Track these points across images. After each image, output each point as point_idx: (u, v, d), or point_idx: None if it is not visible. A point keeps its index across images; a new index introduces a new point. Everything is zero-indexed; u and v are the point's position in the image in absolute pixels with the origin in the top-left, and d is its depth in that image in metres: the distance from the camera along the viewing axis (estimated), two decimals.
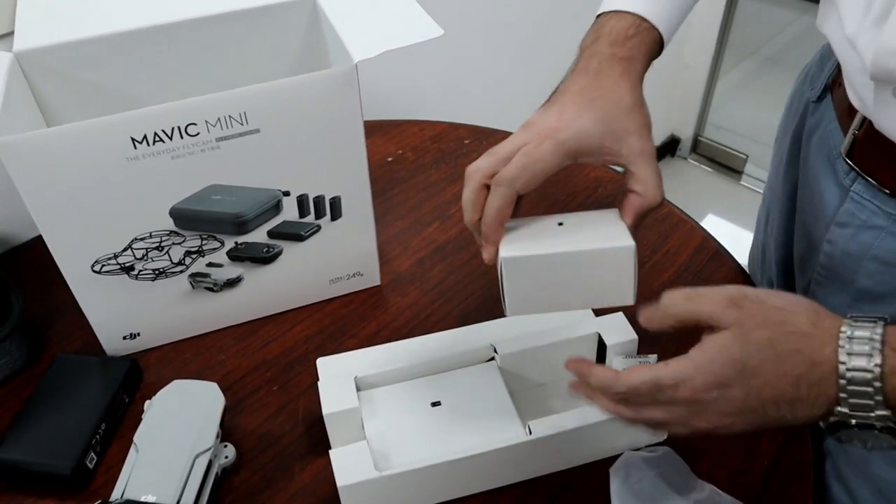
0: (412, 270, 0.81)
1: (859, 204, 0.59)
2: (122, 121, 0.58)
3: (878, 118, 0.53)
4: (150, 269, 0.68)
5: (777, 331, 0.44)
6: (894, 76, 0.49)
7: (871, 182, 0.57)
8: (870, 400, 0.42)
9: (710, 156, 2.32)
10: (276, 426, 0.67)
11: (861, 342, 0.42)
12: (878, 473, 0.61)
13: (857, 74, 0.54)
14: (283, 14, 0.73)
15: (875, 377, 0.41)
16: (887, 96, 0.51)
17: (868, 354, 0.41)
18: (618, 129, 0.53)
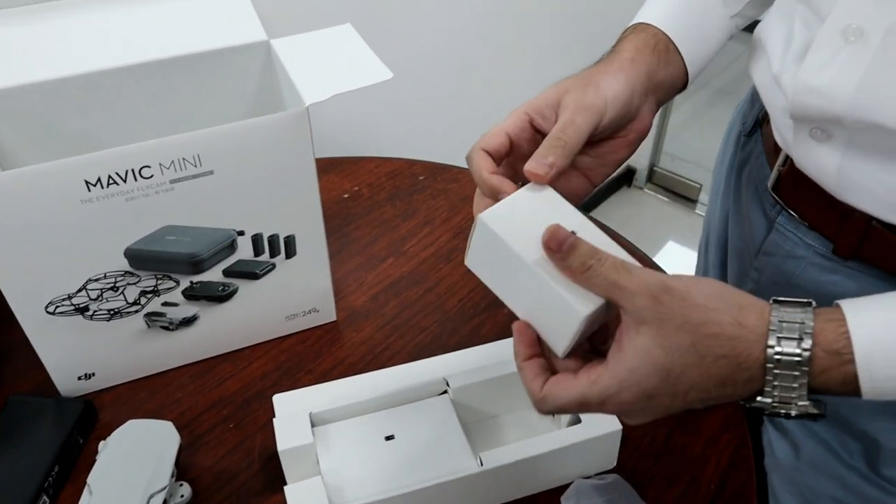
0: (367, 306, 0.83)
1: (783, 235, 0.62)
2: (76, 164, 0.59)
3: (798, 156, 0.57)
4: (105, 310, 0.68)
5: (699, 334, 0.42)
6: (811, 113, 0.52)
7: (793, 215, 0.61)
8: (793, 393, 0.42)
9: (665, 185, 2.38)
10: (232, 463, 0.68)
11: (790, 341, 0.42)
12: (806, 482, 0.64)
13: (780, 115, 0.57)
14: (238, 58, 0.75)
15: (802, 374, 0.42)
16: (805, 136, 0.54)
17: (797, 356, 0.41)
18: (562, 89, 0.53)
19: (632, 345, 0.43)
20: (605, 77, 0.54)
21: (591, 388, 0.44)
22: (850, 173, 0.52)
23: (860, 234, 0.54)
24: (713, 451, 0.68)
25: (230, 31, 0.74)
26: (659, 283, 0.43)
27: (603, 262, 0.44)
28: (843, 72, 0.48)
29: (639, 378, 0.43)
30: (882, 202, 0.51)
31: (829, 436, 0.62)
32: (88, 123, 0.72)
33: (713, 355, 0.43)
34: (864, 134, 0.50)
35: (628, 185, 2.41)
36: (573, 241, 0.45)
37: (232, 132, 0.63)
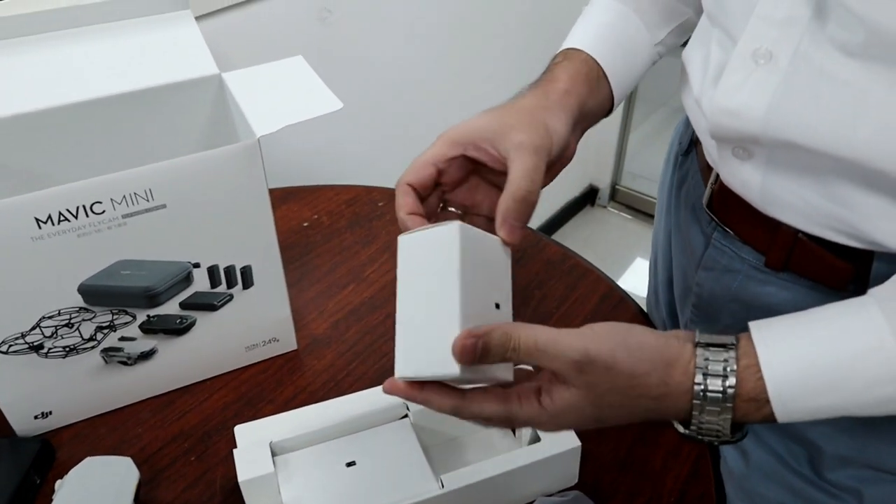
0: (328, 333, 0.83)
1: (720, 250, 0.64)
2: (25, 202, 0.59)
3: (724, 175, 0.59)
4: (61, 347, 0.68)
5: (628, 395, 0.45)
6: (729, 133, 0.54)
7: (727, 231, 0.62)
8: (717, 436, 0.46)
9: (628, 203, 2.41)
10: (193, 497, 0.67)
11: (715, 374, 0.45)
12: (756, 488, 0.65)
13: (705, 135, 0.59)
14: (189, 92, 0.75)
15: (728, 409, 0.45)
16: (728, 155, 0.56)
17: (719, 412, 0.45)
18: (505, 124, 0.52)
19: (563, 398, 0.46)
20: (549, 115, 0.54)
21: (522, 412, 0.47)
22: (772, 189, 0.54)
23: (788, 247, 0.56)
24: (674, 464, 0.69)
25: (181, 66, 0.75)
26: (581, 354, 0.45)
27: (518, 351, 0.45)
28: (755, 93, 0.50)
29: (568, 420, 0.47)
30: (803, 216, 0.53)
31: (776, 443, 0.64)
32: (39, 161, 0.72)
33: (642, 408, 0.47)
34: (781, 151, 0.52)
35: (591, 205, 2.44)
36: (483, 343, 0.45)
37: (183, 165, 0.63)
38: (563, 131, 0.54)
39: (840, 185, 0.49)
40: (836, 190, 0.50)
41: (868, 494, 0.59)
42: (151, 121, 0.75)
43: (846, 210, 0.50)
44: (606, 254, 2.26)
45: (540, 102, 0.56)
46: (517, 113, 0.54)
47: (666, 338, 0.47)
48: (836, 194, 0.50)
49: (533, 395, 0.47)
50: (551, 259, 0.93)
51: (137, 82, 0.73)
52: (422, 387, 0.48)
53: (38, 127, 0.71)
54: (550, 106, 0.55)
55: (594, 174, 2.39)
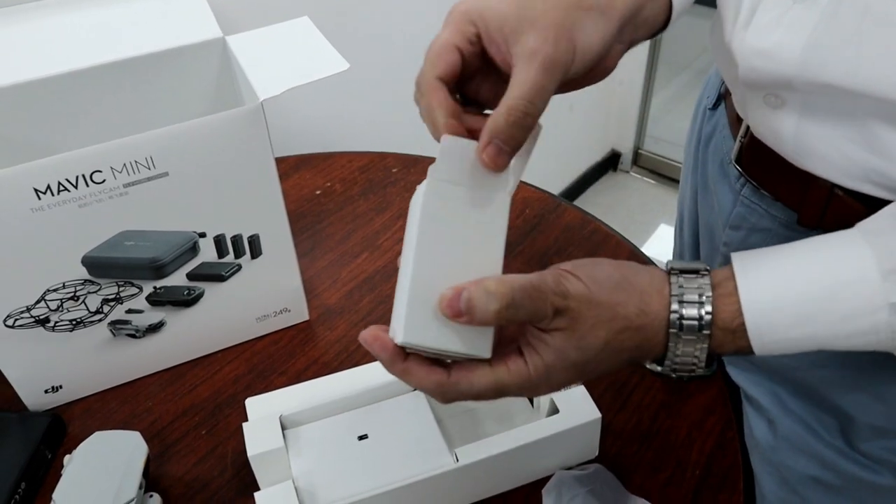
0: (341, 303, 0.81)
1: (749, 207, 0.61)
2: (22, 172, 0.57)
3: (755, 125, 0.55)
4: (67, 320, 0.67)
5: (611, 329, 0.44)
6: (761, 77, 0.50)
7: (757, 187, 0.59)
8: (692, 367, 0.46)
9: (651, 168, 2.36)
10: (204, 471, 0.66)
11: (691, 302, 0.44)
12: (784, 461, 0.62)
13: (735, 84, 0.56)
14: (193, 56, 0.73)
15: (704, 337, 0.44)
16: (759, 103, 0.53)
17: (695, 340, 0.44)
18: (524, 18, 0.42)
19: (549, 347, 0.44)
20: (582, 21, 0.43)
21: (510, 377, 0.44)
22: (806, 139, 0.51)
23: (822, 203, 0.53)
24: (699, 435, 0.67)
25: (184, 30, 0.73)
26: (559, 295, 0.43)
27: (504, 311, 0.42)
28: (791, 32, 0.46)
29: (557, 373, 0.45)
30: (839, 168, 0.50)
31: (804, 413, 0.61)
32: (40, 131, 0.70)
33: (626, 348, 0.45)
34: (817, 97, 0.48)
35: (614, 170, 2.40)
36: (467, 297, 0.42)
37: (184, 132, 0.61)
38: (595, 43, 0.44)
39: (880, 131, 0.46)
40: (876, 138, 0.46)
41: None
42: (154, 87, 0.73)
43: (885, 160, 0.47)
44: (629, 220, 2.22)
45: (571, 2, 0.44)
46: (544, 5, 0.43)
47: (630, 266, 0.46)
48: (876, 143, 0.47)
49: (519, 357, 0.45)
50: (571, 224, 0.90)
51: (139, 48, 0.71)
52: (406, 355, 0.45)
53: (38, 96, 0.69)
54: (591, 5, 0.44)
55: (616, 139, 2.34)
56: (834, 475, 0.60)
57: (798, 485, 0.62)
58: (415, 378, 0.45)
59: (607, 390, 0.70)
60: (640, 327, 0.44)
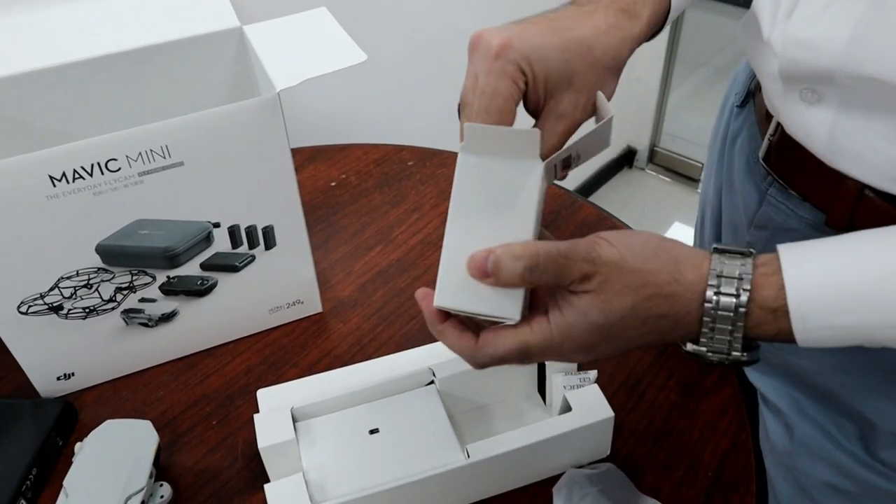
0: (354, 296, 0.81)
1: (775, 207, 0.60)
2: (38, 159, 0.57)
3: (788, 122, 0.54)
4: (80, 308, 0.67)
5: (639, 296, 0.43)
6: (802, 69, 0.49)
7: (784, 186, 0.58)
8: (727, 343, 0.44)
9: (666, 165, 2.35)
10: (214, 462, 0.66)
11: (729, 281, 0.43)
12: (801, 466, 0.62)
13: (770, 81, 0.55)
14: (210, 46, 0.72)
15: (739, 316, 0.43)
16: (795, 99, 0.52)
17: (735, 295, 0.43)
18: (567, 73, 0.47)
19: (572, 306, 0.44)
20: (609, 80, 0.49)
21: (533, 337, 0.44)
22: (841, 137, 0.50)
23: (852, 204, 0.52)
24: (712, 436, 0.66)
25: (202, 19, 0.72)
26: (586, 258, 0.43)
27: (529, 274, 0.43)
28: (835, 23, 0.46)
29: (580, 334, 0.44)
30: (873, 167, 0.49)
31: (823, 418, 0.60)
32: (56, 118, 0.70)
33: (653, 316, 0.44)
34: (856, 92, 0.47)
35: (629, 167, 2.38)
36: (494, 259, 0.43)
37: (200, 121, 0.61)
38: (608, 95, 0.50)
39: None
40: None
41: None
42: (172, 76, 0.73)
43: None
44: (644, 217, 2.20)
45: (610, 59, 0.48)
46: (585, 66, 0.47)
47: (671, 239, 0.45)
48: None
49: (543, 317, 0.45)
50: (586, 220, 0.90)
51: (157, 36, 0.70)
52: (445, 318, 0.47)
53: (55, 83, 0.69)
54: (618, 66, 0.49)
55: (632, 135, 2.33)
56: (851, 482, 0.59)
57: (814, 490, 0.61)
58: (448, 340, 0.47)
59: (620, 389, 0.70)
60: (671, 295, 0.43)
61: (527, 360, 0.46)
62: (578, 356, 0.46)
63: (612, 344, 0.45)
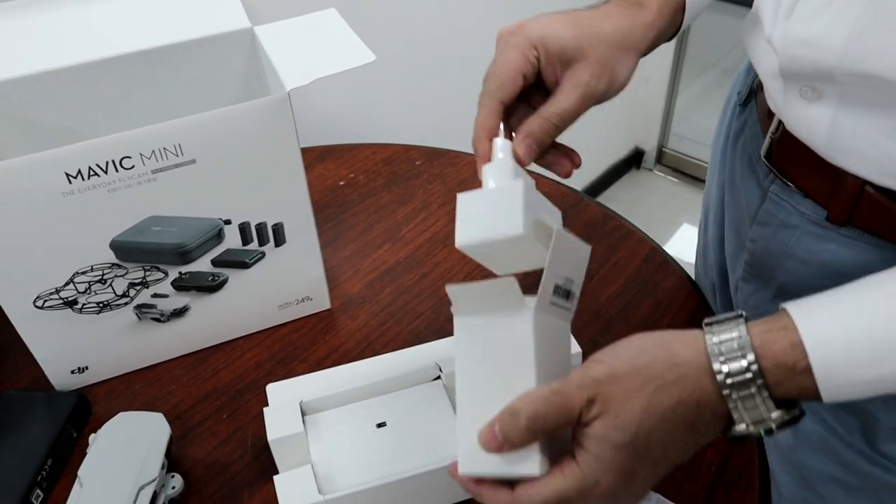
0: (362, 293, 0.82)
1: (777, 204, 0.61)
2: (54, 157, 0.58)
3: (789, 119, 0.55)
4: (94, 303, 0.68)
5: (644, 395, 0.42)
6: (802, 66, 0.50)
7: (786, 183, 0.59)
8: (757, 402, 0.42)
9: (674, 166, 2.35)
10: (225, 454, 0.67)
11: (730, 346, 0.41)
12: (804, 460, 0.62)
13: (771, 79, 0.56)
14: (221, 46, 0.74)
15: (755, 375, 0.41)
16: (795, 96, 0.53)
17: (741, 357, 0.41)
18: (580, 50, 0.50)
19: (591, 438, 0.42)
20: (623, 59, 0.52)
21: (566, 482, 0.43)
22: (841, 134, 0.50)
23: (853, 200, 0.53)
24: None
25: (213, 20, 0.74)
26: (586, 386, 0.43)
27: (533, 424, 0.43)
28: (835, 21, 0.47)
29: (610, 461, 0.42)
30: (873, 164, 0.50)
31: (826, 413, 0.61)
32: (70, 118, 0.72)
33: (669, 408, 0.42)
34: (856, 89, 0.48)
35: (637, 167, 2.39)
36: (499, 428, 0.43)
37: (212, 120, 0.62)
38: (626, 77, 0.53)
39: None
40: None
41: None
42: (184, 76, 0.74)
43: None
44: (652, 218, 2.21)
45: (622, 37, 0.52)
46: (597, 41, 0.51)
47: (657, 332, 0.45)
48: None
49: (572, 461, 0.43)
50: (592, 220, 0.90)
51: (169, 37, 0.72)
52: (479, 482, 0.47)
53: (69, 83, 0.70)
54: (631, 45, 0.53)
55: (640, 136, 2.33)
56: (854, 475, 0.60)
57: (817, 484, 0.62)
58: (486, 498, 0.46)
59: None
60: (676, 381, 0.42)
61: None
62: (620, 486, 0.43)
63: (650, 460, 0.42)
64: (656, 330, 0.45)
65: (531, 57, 0.51)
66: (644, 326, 0.75)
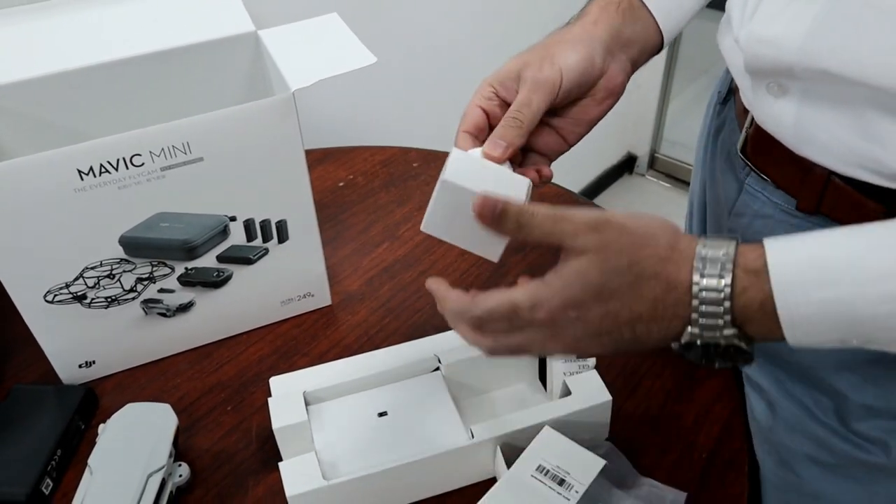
0: (362, 290, 0.84)
1: (752, 195, 0.63)
2: (68, 153, 0.60)
3: (758, 114, 0.58)
4: (103, 297, 0.70)
5: (636, 256, 0.45)
6: (763, 64, 0.54)
7: (760, 175, 0.62)
8: (719, 319, 0.44)
9: (666, 171, 2.38)
10: (230, 444, 0.69)
11: (713, 263, 0.44)
12: (782, 441, 0.65)
13: (742, 76, 0.59)
14: (226, 49, 0.76)
15: (725, 297, 0.43)
16: (763, 93, 0.56)
17: (719, 275, 0.44)
18: (524, 63, 0.57)
19: (569, 266, 0.46)
20: (562, 47, 0.57)
21: (521, 292, 0.47)
22: (805, 127, 0.53)
23: (820, 189, 0.56)
24: (705, 421, 0.69)
25: (218, 24, 0.76)
26: (596, 217, 0.46)
27: (536, 215, 0.47)
28: (793, 22, 0.50)
29: (573, 291, 0.46)
30: (836, 155, 0.53)
31: (802, 395, 0.63)
32: (81, 119, 0.74)
33: (646, 275, 0.45)
34: (816, 85, 0.51)
35: (630, 173, 2.42)
36: (502, 206, 0.47)
37: (220, 119, 0.64)
38: (576, 62, 0.56)
39: (874, 118, 0.49)
40: (870, 125, 0.49)
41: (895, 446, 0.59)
42: (190, 78, 0.76)
43: (879, 147, 0.49)
44: None
45: (559, 38, 0.59)
46: (534, 51, 0.58)
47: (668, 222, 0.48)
48: (869, 130, 0.49)
49: (537, 280, 0.47)
50: None
51: (175, 40, 0.74)
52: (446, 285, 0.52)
53: (79, 85, 0.72)
54: (570, 39, 0.58)
55: (632, 142, 2.36)
56: (828, 453, 0.62)
57: (794, 463, 0.65)
58: (449, 303, 0.51)
59: (618, 378, 0.73)
60: (666, 258, 0.45)
61: (515, 321, 0.47)
62: (567, 314, 0.46)
63: (603, 306, 0.45)
64: None
65: (486, 93, 0.58)
66: None
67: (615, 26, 0.60)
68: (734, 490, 0.64)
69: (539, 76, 0.56)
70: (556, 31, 0.61)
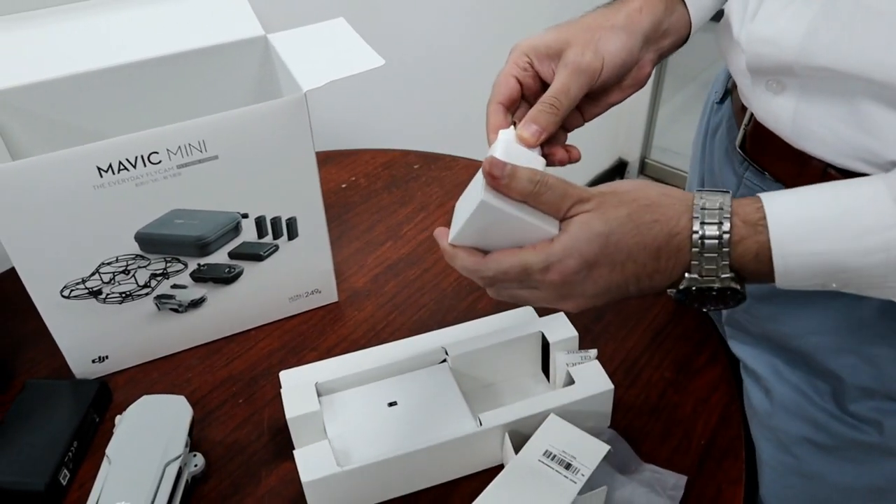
0: (368, 286, 0.86)
1: (751, 189, 0.66)
2: (88, 151, 0.62)
3: (758, 110, 0.61)
4: (117, 293, 0.72)
5: (633, 206, 0.49)
6: (764, 63, 0.56)
7: (759, 169, 0.65)
8: (716, 265, 0.49)
9: (657, 177, 2.41)
10: (242, 436, 0.71)
11: (711, 213, 0.48)
12: (780, 425, 0.67)
13: (742, 76, 0.62)
14: (236, 52, 0.78)
15: (724, 244, 0.48)
16: (762, 89, 0.59)
17: (718, 223, 0.48)
18: (563, 41, 0.57)
19: (573, 223, 0.50)
20: (606, 34, 0.58)
21: (536, 255, 0.50)
22: (803, 121, 0.56)
23: (817, 181, 0.58)
24: (703, 409, 0.72)
25: (228, 28, 0.78)
26: (601, 188, 0.51)
27: (546, 184, 0.50)
28: (792, 22, 0.53)
29: (580, 245, 0.49)
30: (833, 147, 0.55)
31: (799, 380, 0.66)
32: (94, 120, 0.75)
33: (647, 220, 0.49)
34: (814, 81, 0.54)
35: (621, 178, 2.45)
36: (511, 168, 0.49)
37: (235, 118, 0.66)
38: (619, 51, 0.57)
39: (869, 111, 0.51)
40: (865, 117, 0.52)
41: (889, 426, 0.61)
42: (200, 81, 0.78)
43: (874, 139, 0.52)
44: None
45: (604, 21, 0.59)
46: (577, 30, 0.58)
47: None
48: (865, 122, 0.52)
49: (546, 241, 0.50)
50: None
51: (187, 44, 0.76)
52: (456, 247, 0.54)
53: (94, 87, 0.74)
54: (614, 25, 0.58)
55: (623, 148, 2.39)
56: (825, 435, 0.65)
57: (792, 446, 0.67)
58: (459, 261, 0.53)
59: (618, 369, 0.75)
60: (662, 204, 0.49)
61: (527, 281, 0.51)
62: (579, 273, 0.50)
63: (611, 259, 0.49)
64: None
65: (522, 63, 0.58)
66: (636, 313, 0.80)
67: (658, 16, 0.60)
68: (732, 474, 0.66)
69: (582, 62, 0.56)
70: (600, 11, 0.60)
